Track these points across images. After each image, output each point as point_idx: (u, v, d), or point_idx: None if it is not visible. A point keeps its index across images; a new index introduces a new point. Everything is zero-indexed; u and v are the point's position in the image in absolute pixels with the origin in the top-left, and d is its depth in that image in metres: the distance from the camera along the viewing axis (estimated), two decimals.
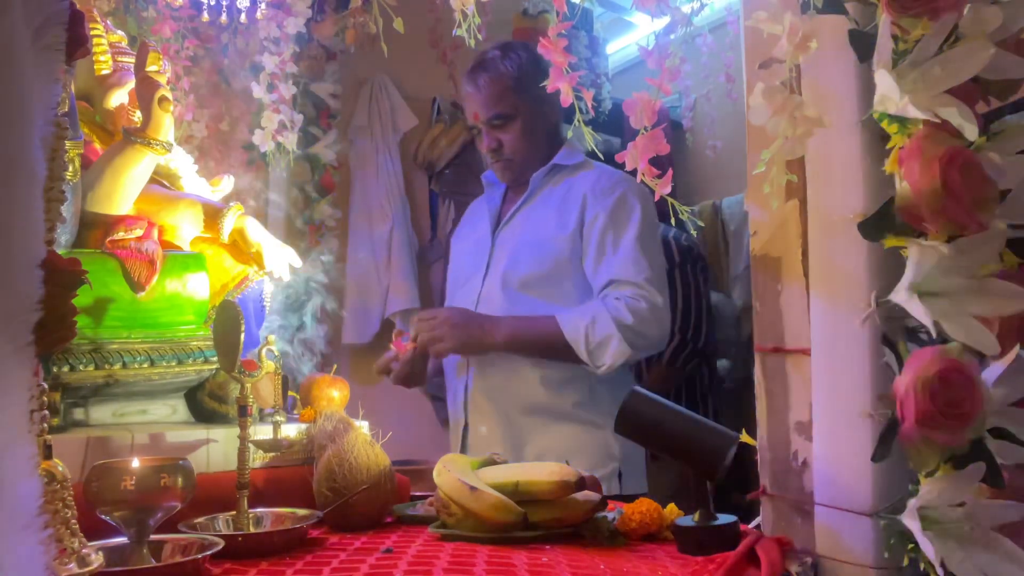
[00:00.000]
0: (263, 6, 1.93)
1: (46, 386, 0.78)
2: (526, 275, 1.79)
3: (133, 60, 1.44)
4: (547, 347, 1.70)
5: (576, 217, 1.78)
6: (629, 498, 1.20)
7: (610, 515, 1.09)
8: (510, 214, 1.90)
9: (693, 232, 0.96)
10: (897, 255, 0.80)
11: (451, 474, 1.08)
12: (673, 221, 0.95)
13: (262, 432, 1.16)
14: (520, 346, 1.73)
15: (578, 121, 1.03)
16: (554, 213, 1.81)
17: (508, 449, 1.76)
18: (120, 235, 1.30)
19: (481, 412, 1.82)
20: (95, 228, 1.32)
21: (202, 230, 1.43)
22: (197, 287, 1.33)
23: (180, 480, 0.92)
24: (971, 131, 0.74)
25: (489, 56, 1.86)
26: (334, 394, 1.39)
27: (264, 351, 1.13)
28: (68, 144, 1.17)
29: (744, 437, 0.98)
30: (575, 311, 1.70)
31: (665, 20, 0.95)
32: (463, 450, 1.87)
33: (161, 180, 1.47)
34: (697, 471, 1.00)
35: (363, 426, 1.32)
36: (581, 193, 1.79)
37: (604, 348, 1.64)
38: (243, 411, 1.08)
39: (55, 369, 1.17)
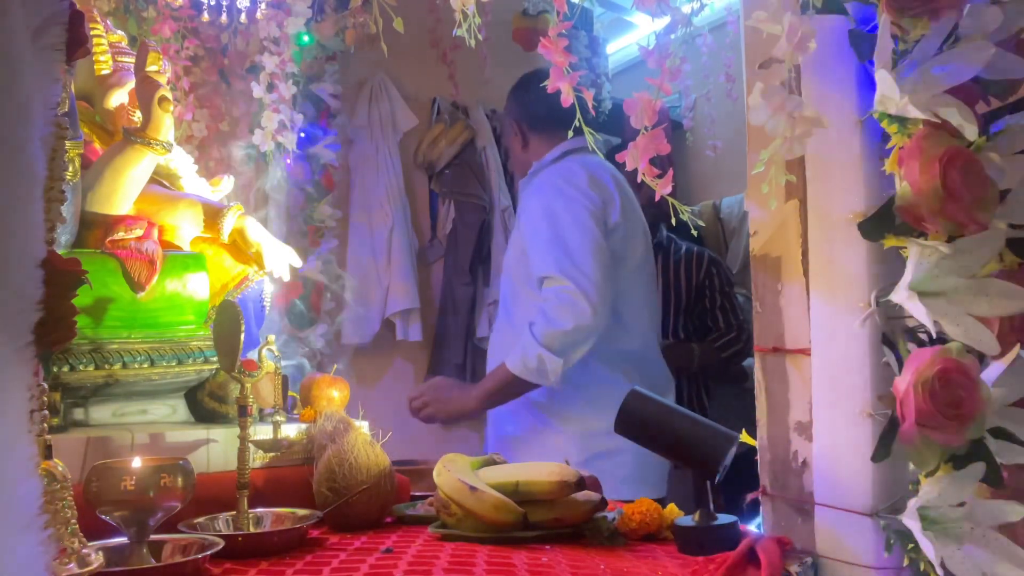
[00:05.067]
0: (263, 6, 1.93)
1: (46, 386, 0.78)
2: (513, 274, 1.96)
3: (133, 60, 1.44)
4: (513, 387, 1.83)
5: (520, 217, 1.95)
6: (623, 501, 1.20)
7: (610, 515, 1.09)
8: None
9: (694, 232, 0.96)
10: (897, 255, 0.80)
11: (451, 474, 1.08)
12: (674, 221, 0.95)
13: (262, 432, 1.16)
14: (496, 399, 1.88)
15: (579, 121, 1.03)
16: (519, 215, 1.99)
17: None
18: (120, 235, 1.29)
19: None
20: (95, 228, 1.32)
21: (202, 230, 1.43)
22: (197, 287, 1.33)
23: (180, 480, 0.92)
24: (971, 131, 0.74)
25: None
26: (334, 394, 1.39)
27: (264, 351, 1.13)
28: (68, 144, 1.17)
29: (744, 437, 0.98)
30: (514, 348, 1.80)
31: (665, 20, 0.95)
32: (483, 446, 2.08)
33: (161, 180, 1.47)
34: (697, 471, 1.00)
35: (363, 426, 1.32)
36: (527, 193, 1.96)
37: (543, 368, 1.75)
38: (243, 411, 1.08)
39: (55, 369, 1.17)
